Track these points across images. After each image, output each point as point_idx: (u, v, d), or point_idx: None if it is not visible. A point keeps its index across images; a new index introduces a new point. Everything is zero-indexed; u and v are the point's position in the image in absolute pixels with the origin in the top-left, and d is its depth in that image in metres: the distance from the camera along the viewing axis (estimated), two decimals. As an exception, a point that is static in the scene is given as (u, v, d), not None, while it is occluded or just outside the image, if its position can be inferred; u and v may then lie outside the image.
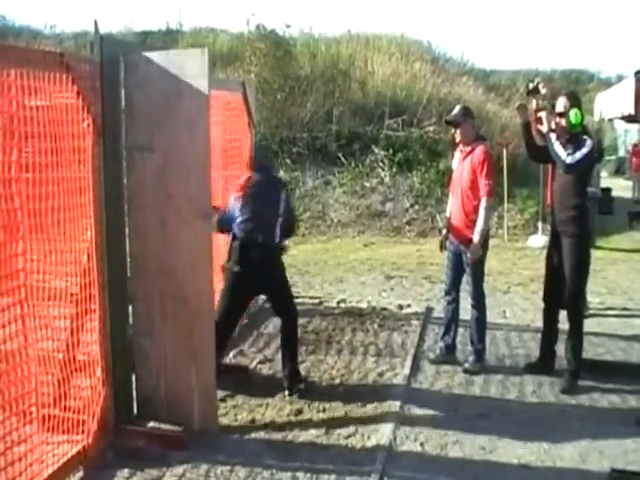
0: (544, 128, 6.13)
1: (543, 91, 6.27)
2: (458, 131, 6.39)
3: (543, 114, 6.19)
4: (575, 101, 6.10)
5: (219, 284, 6.02)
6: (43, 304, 4.41)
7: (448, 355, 6.62)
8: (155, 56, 4.87)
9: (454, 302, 6.59)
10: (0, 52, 3.83)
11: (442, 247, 6.64)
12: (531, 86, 6.36)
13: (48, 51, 4.37)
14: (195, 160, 4.85)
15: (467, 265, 6.39)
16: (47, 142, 4.16)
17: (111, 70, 4.77)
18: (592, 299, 7.49)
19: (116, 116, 4.89)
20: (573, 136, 5.99)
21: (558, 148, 5.96)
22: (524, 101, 6.66)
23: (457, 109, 6.50)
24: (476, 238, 6.21)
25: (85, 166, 4.50)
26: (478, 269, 6.39)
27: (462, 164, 6.40)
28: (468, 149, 6.35)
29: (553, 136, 6.03)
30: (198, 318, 4.98)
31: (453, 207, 6.55)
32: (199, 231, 4.92)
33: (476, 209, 6.25)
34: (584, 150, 5.88)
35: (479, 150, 6.28)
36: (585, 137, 6.00)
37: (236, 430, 5.24)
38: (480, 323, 6.47)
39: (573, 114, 5.94)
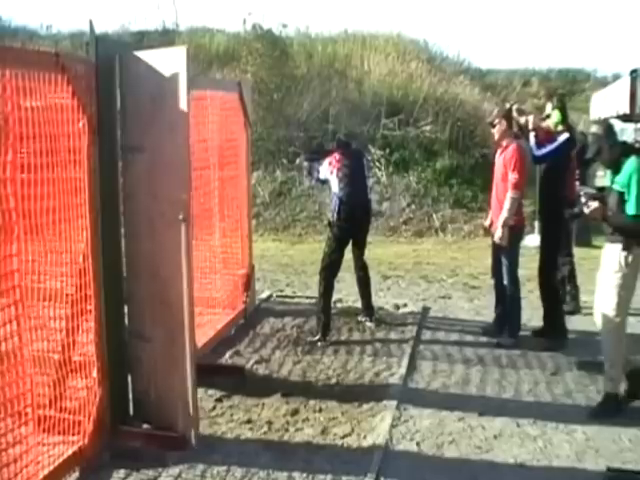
0: (526, 123, 7.09)
1: (515, 114, 7.17)
2: (494, 130, 7.06)
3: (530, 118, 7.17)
4: (559, 103, 7.15)
5: (204, 291, 6.17)
6: (38, 305, 4.41)
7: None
8: (143, 55, 4.85)
9: (499, 282, 7.29)
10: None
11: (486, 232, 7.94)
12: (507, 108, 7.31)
13: (43, 51, 4.37)
14: (176, 161, 4.80)
15: (501, 250, 7.07)
16: (42, 143, 4.15)
17: (106, 70, 4.76)
18: (587, 297, 7.47)
19: (111, 116, 4.88)
20: (554, 134, 7.02)
21: (532, 142, 7.01)
22: (518, 102, 7.36)
23: (495, 111, 7.34)
24: (499, 225, 6.88)
25: (81, 167, 4.48)
26: (509, 254, 7.03)
27: (498, 160, 7.09)
28: (503, 145, 7.03)
29: (532, 134, 7.00)
30: (179, 324, 4.87)
31: (492, 198, 7.30)
32: (180, 235, 4.79)
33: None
34: (554, 144, 6.95)
35: (511, 147, 6.92)
36: (564, 134, 6.97)
37: (232, 430, 5.24)
38: (513, 301, 7.09)
39: (555, 114, 6.98)
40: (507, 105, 7.56)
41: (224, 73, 17.75)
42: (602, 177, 6.00)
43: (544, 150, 6.97)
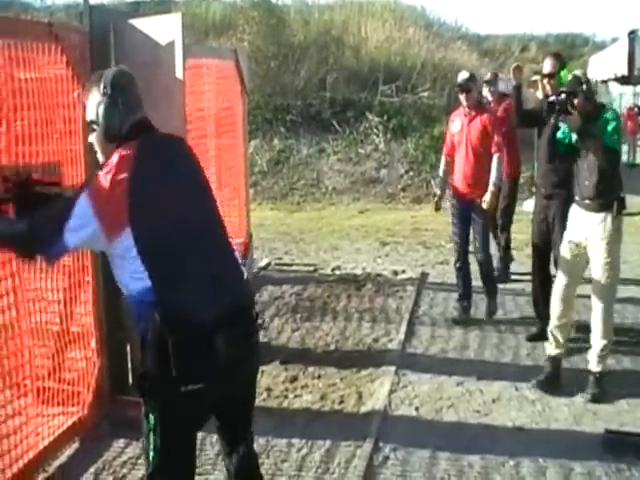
0: (539, 93, 6.25)
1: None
2: (467, 96, 6.74)
3: (537, 77, 6.30)
4: (562, 61, 6.23)
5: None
6: (35, 276, 4.40)
7: (466, 315, 6.91)
8: (138, 23, 4.78)
9: (467, 263, 6.97)
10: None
11: (438, 208, 7.17)
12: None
13: (37, 21, 4.32)
14: (172, 130, 4.74)
15: (477, 220, 6.76)
16: (37, 113, 4.13)
17: (100, 39, 4.69)
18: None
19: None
20: None
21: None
22: (519, 62, 6.88)
23: (466, 75, 6.88)
24: (491, 187, 6.57)
25: (76, 137, 4.46)
26: (487, 222, 6.91)
27: (469, 127, 6.72)
28: (473, 113, 6.73)
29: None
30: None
31: (458, 168, 6.85)
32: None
33: (485, 167, 6.62)
34: None
35: (487, 114, 6.78)
36: None
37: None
38: (489, 274, 6.98)
39: (563, 74, 6.04)
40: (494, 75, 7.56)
41: (220, 42, 17.65)
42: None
43: None
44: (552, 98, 5.39)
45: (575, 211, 5.33)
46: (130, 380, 5.19)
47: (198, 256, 2.78)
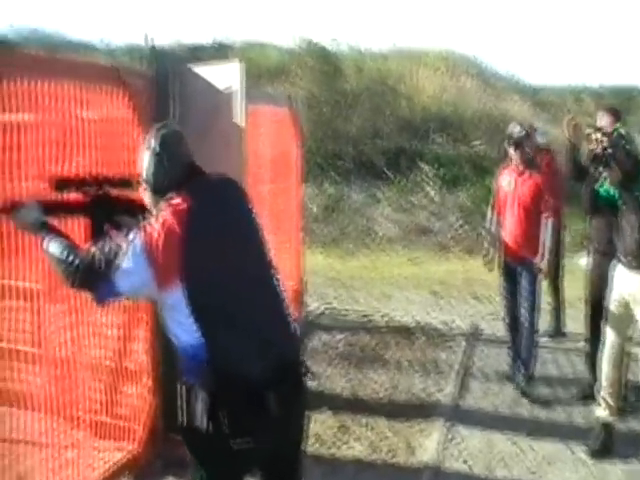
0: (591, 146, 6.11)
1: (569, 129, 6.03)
2: (518, 151, 6.42)
3: (590, 131, 6.13)
4: (618, 116, 6.16)
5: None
6: (93, 312, 4.48)
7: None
8: (199, 70, 4.91)
9: (516, 320, 6.52)
10: (61, 66, 3.93)
11: (490, 266, 6.80)
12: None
13: (104, 65, 4.47)
14: (232, 176, 4.82)
15: (525, 279, 6.38)
16: (99, 154, 4.25)
17: (162, 84, 4.83)
18: None
19: (168, 130, 4.95)
20: None
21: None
22: (575, 118, 6.58)
23: (517, 128, 6.55)
24: (547, 255, 6.26)
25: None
26: (537, 287, 6.41)
27: (519, 184, 6.42)
28: (524, 169, 6.41)
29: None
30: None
31: (507, 225, 6.52)
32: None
33: (535, 225, 6.32)
34: None
35: (538, 172, 6.48)
36: None
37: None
38: (530, 337, 6.41)
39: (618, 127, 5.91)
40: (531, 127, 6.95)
41: (274, 87, 17.86)
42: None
43: None
44: (596, 150, 5.33)
45: (618, 269, 5.24)
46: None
47: (249, 310, 2.77)
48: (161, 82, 4.79)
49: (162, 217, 2.72)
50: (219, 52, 21.69)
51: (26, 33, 25.33)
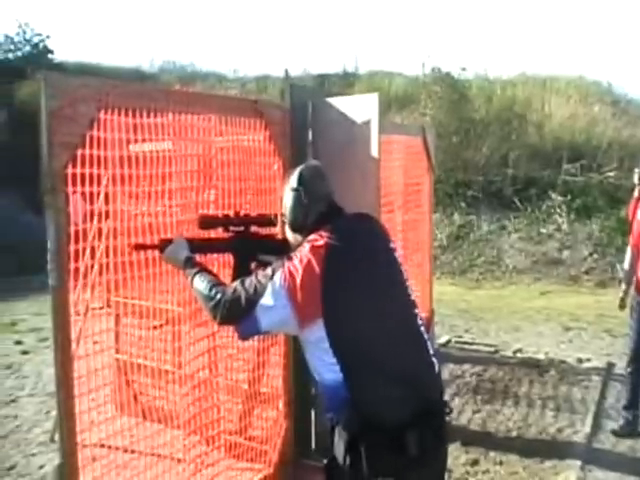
0: None
1: None
2: None
3: None
4: None
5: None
6: (231, 336, 4.65)
7: (629, 427, 6.13)
8: (334, 102, 5.05)
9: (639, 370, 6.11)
10: (203, 100, 4.15)
11: (623, 305, 6.33)
12: None
13: (243, 98, 4.67)
14: (367, 207, 4.89)
15: None
16: (239, 184, 4.48)
17: (299, 116, 5.01)
18: None
19: (303, 161, 5.09)
20: None
21: None
22: None
23: None
24: None
25: (272, 208, 4.73)
26: None
27: None
28: None
29: None
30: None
31: (635, 261, 6.20)
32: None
33: None
34: None
35: None
36: None
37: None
38: None
39: None
40: None
41: (402, 116, 17.97)
42: None
43: None
44: None
45: None
46: (313, 445, 5.31)
47: (392, 350, 2.74)
48: (297, 114, 4.95)
49: (302, 254, 2.75)
50: (346, 81, 22.02)
51: (163, 65, 26.49)
